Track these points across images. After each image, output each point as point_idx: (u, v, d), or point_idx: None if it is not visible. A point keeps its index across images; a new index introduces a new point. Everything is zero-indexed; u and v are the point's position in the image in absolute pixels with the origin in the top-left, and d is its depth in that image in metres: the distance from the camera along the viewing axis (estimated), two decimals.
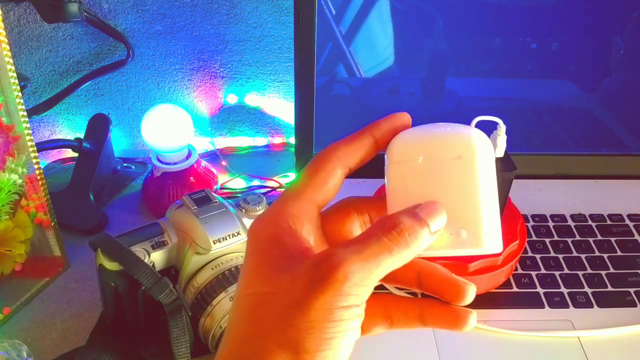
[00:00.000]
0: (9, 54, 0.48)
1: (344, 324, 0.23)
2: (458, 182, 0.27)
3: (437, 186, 0.27)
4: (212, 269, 0.46)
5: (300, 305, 0.23)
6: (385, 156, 0.29)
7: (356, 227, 0.30)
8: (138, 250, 0.46)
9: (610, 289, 0.56)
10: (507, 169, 0.51)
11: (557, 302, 0.54)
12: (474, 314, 0.27)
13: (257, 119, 0.80)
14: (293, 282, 0.24)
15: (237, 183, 0.74)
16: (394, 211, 0.27)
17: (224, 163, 0.77)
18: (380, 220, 0.26)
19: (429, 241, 0.26)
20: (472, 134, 0.28)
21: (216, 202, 0.49)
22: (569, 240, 0.61)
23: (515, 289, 0.55)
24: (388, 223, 0.25)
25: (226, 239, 0.47)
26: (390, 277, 0.27)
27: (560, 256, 0.59)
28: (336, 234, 0.30)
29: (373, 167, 0.31)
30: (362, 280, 0.24)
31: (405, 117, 0.29)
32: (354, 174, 0.29)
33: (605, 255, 0.59)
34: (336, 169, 0.28)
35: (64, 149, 0.76)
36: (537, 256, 0.59)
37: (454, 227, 0.27)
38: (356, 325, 0.24)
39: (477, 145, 0.27)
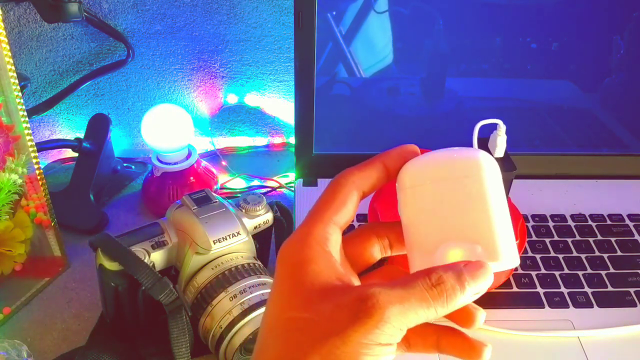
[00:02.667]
0: (9, 54, 0.48)
1: (378, 359, 0.25)
2: (467, 200, 0.28)
3: (448, 207, 0.28)
4: (212, 269, 0.46)
5: (341, 334, 0.25)
6: (397, 184, 0.30)
7: (376, 250, 0.32)
8: (138, 250, 0.46)
9: (610, 289, 0.56)
10: (507, 169, 0.51)
11: (557, 302, 0.54)
12: (489, 347, 0.28)
13: (257, 119, 0.80)
14: (336, 312, 0.25)
15: (237, 183, 0.74)
16: (412, 236, 0.29)
17: (224, 163, 0.77)
18: (424, 272, 0.27)
19: (468, 301, 0.27)
20: (477, 154, 0.29)
21: (216, 202, 0.49)
22: (569, 240, 0.61)
23: (515, 289, 0.55)
24: (433, 278, 0.26)
25: (226, 239, 0.47)
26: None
27: (560, 256, 0.59)
28: (357, 256, 0.31)
29: None
30: (398, 323, 0.25)
31: (414, 148, 0.31)
32: None
33: (605, 255, 0.59)
34: (352, 192, 0.30)
35: (64, 149, 0.76)
36: (537, 256, 0.59)
37: (468, 244, 0.28)
38: None
39: (483, 163, 0.28)
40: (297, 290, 0.27)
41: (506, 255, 0.27)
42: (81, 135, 0.70)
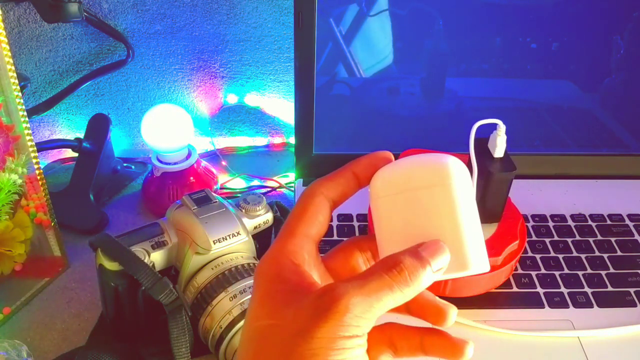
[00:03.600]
0: (9, 54, 0.48)
1: (346, 352, 0.25)
2: (435, 209, 0.28)
3: (417, 216, 0.28)
4: (212, 268, 0.46)
5: (304, 333, 0.25)
6: (369, 192, 0.30)
7: (360, 264, 0.32)
8: (138, 250, 0.46)
9: (610, 289, 0.56)
10: (507, 169, 0.51)
11: (557, 302, 0.54)
12: (471, 345, 0.29)
13: (257, 119, 0.80)
14: (298, 313, 0.26)
15: (237, 183, 0.74)
16: (383, 246, 0.29)
17: (224, 163, 0.77)
18: (383, 259, 0.27)
19: (431, 279, 0.27)
20: (447, 161, 0.29)
21: (216, 202, 0.49)
22: (569, 240, 0.61)
23: (515, 289, 0.55)
24: (390, 262, 0.27)
25: (226, 239, 0.47)
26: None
27: (560, 256, 0.59)
28: (340, 270, 0.32)
29: None
30: (362, 312, 0.25)
31: (386, 154, 0.31)
32: None
33: (605, 255, 0.59)
34: (323, 202, 0.30)
35: (64, 149, 0.76)
36: (537, 256, 0.59)
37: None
38: (358, 354, 0.26)
39: (451, 171, 0.28)
40: (265, 301, 0.28)
41: (475, 263, 0.28)
42: (81, 135, 0.70)
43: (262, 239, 0.53)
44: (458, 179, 0.28)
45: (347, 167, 0.31)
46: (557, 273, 0.57)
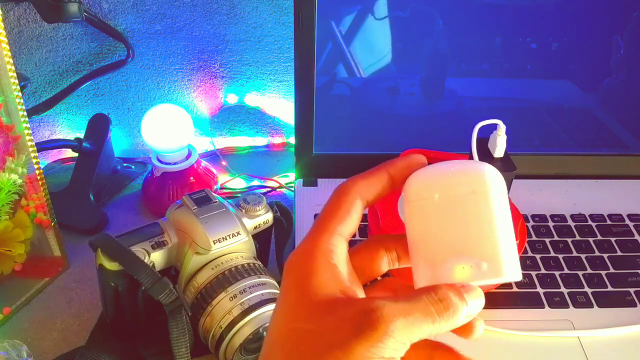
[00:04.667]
0: (9, 54, 0.48)
1: None
2: (474, 216, 0.28)
3: (455, 222, 0.28)
4: (212, 269, 0.46)
5: (344, 347, 0.25)
6: (402, 197, 0.30)
7: (384, 262, 0.32)
8: (138, 250, 0.46)
9: (610, 289, 0.56)
10: (507, 169, 0.51)
11: (557, 302, 0.54)
12: None
13: (257, 119, 0.80)
14: (339, 325, 0.25)
15: (237, 183, 0.74)
16: (415, 250, 0.29)
17: (224, 163, 0.77)
18: (429, 287, 0.27)
19: (465, 321, 0.27)
20: (484, 169, 0.29)
21: (216, 202, 0.49)
22: (569, 240, 0.61)
23: (515, 289, 0.55)
24: (439, 293, 0.27)
25: (226, 239, 0.47)
26: None
27: (560, 256, 0.59)
28: (366, 268, 0.31)
29: None
30: (402, 337, 0.25)
31: (420, 158, 0.31)
32: (356, 173, 0.31)
33: (605, 255, 0.59)
34: (357, 200, 0.29)
35: (63, 149, 0.76)
36: (537, 256, 0.59)
37: (474, 260, 0.28)
38: None
39: (489, 179, 0.28)
40: (301, 302, 0.27)
41: (510, 272, 0.28)
42: (81, 135, 0.70)
43: (262, 239, 0.53)
44: (496, 186, 0.28)
45: (382, 167, 0.30)
46: (557, 273, 0.57)
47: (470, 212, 0.28)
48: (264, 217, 0.52)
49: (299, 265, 0.28)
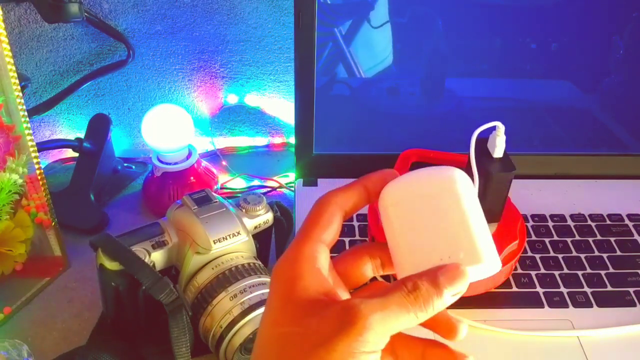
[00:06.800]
0: (10, 54, 0.48)
1: None
2: (446, 214, 0.30)
3: (428, 222, 0.30)
4: (213, 268, 0.47)
5: (327, 345, 0.26)
6: (379, 205, 0.32)
7: (368, 269, 0.33)
8: (138, 250, 0.46)
9: (609, 288, 0.56)
10: (506, 169, 0.51)
11: (556, 301, 0.54)
12: (472, 359, 0.30)
13: (257, 119, 0.80)
14: (321, 324, 0.27)
15: (237, 183, 0.75)
16: (395, 254, 0.31)
17: (224, 163, 0.77)
18: (402, 280, 0.28)
19: (445, 304, 0.28)
20: (451, 172, 0.31)
21: (216, 202, 0.49)
22: (569, 240, 0.61)
23: (514, 289, 0.55)
24: (409, 285, 0.28)
25: (226, 239, 0.47)
26: None
27: (560, 256, 0.59)
28: (351, 275, 0.33)
29: (374, 169, 0.33)
30: (381, 330, 0.26)
31: (393, 171, 0.33)
32: (356, 173, 0.33)
33: (604, 255, 0.59)
34: (336, 211, 0.31)
35: (64, 149, 0.76)
36: (537, 256, 0.59)
37: (451, 252, 0.29)
38: None
39: (457, 179, 0.30)
40: (287, 306, 0.28)
41: (488, 257, 0.29)
42: (81, 135, 0.70)
43: (262, 239, 0.53)
44: (463, 185, 0.30)
45: (359, 181, 0.32)
46: (556, 273, 0.57)
47: (441, 211, 0.30)
48: (264, 217, 0.52)
49: (284, 271, 0.29)
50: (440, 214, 0.30)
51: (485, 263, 0.29)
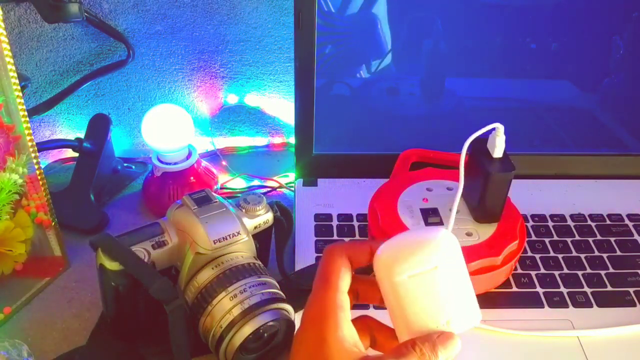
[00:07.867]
0: (10, 54, 0.48)
1: None
2: (442, 286, 0.34)
3: (426, 294, 0.34)
4: (213, 268, 0.47)
5: None
6: (375, 274, 0.36)
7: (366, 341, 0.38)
8: (138, 250, 0.46)
9: (609, 288, 0.56)
10: (506, 169, 0.52)
11: (556, 301, 0.54)
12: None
13: (257, 119, 0.80)
14: None
15: (237, 183, 0.75)
16: (395, 319, 0.35)
17: (224, 163, 0.77)
18: (411, 342, 0.34)
19: None
20: (439, 239, 0.35)
21: (216, 202, 0.49)
22: (569, 240, 0.61)
23: (514, 289, 0.55)
24: (417, 349, 0.33)
25: (226, 239, 0.47)
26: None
27: (560, 256, 0.59)
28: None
29: (374, 169, 0.35)
30: None
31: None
32: (356, 173, 0.35)
33: (604, 255, 0.59)
34: (347, 262, 0.37)
35: (64, 149, 0.76)
36: (537, 256, 0.59)
37: (447, 318, 0.34)
38: None
39: (446, 248, 0.35)
40: (322, 349, 0.33)
41: (472, 320, 0.35)
42: (81, 135, 0.70)
43: (262, 239, 0.53)
44: (453, 252, 0.35)
45: (366, 242, 0.40)
46: (556, 273, 0.57)
47: (437, 283, 0.34)
48: (264, 217, 0.52)
49: (319, 318, 0.34)
50: (436, 286, 0.34)
51: (469, 326, 0.35)
